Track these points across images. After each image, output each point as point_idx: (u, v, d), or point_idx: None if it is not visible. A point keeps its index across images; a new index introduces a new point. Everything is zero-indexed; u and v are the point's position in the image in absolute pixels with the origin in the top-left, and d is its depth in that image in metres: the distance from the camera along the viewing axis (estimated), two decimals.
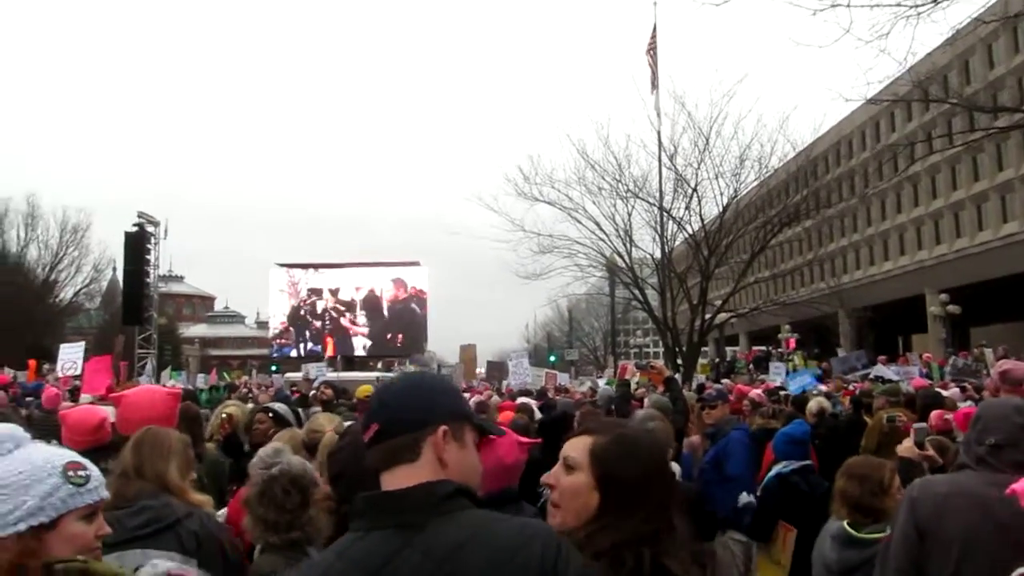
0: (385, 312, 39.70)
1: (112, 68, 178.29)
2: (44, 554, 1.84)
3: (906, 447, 4.23)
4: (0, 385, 15.69)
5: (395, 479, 1.71)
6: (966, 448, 3.20)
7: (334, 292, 39.76)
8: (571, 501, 2.13)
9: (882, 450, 6.62)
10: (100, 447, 4.55)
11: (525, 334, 77.28)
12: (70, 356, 18.02)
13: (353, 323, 39.95)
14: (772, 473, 6.03)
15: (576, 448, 2.15)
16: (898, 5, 10.56)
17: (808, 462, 6.10)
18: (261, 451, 3.52)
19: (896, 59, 11.74)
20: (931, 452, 4.19)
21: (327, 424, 4.86)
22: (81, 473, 1.94)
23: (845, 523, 3.88)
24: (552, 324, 70.98)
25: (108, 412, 5.02)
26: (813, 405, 9.68)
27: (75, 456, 2.00)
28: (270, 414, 6.31)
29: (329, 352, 37.13)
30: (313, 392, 11.81)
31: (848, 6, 10.61)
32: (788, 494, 5.74)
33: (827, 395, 12.37)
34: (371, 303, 39.89)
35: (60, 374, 17.64)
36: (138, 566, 2.35)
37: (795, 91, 38.87)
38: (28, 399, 12.28)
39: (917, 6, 10.50)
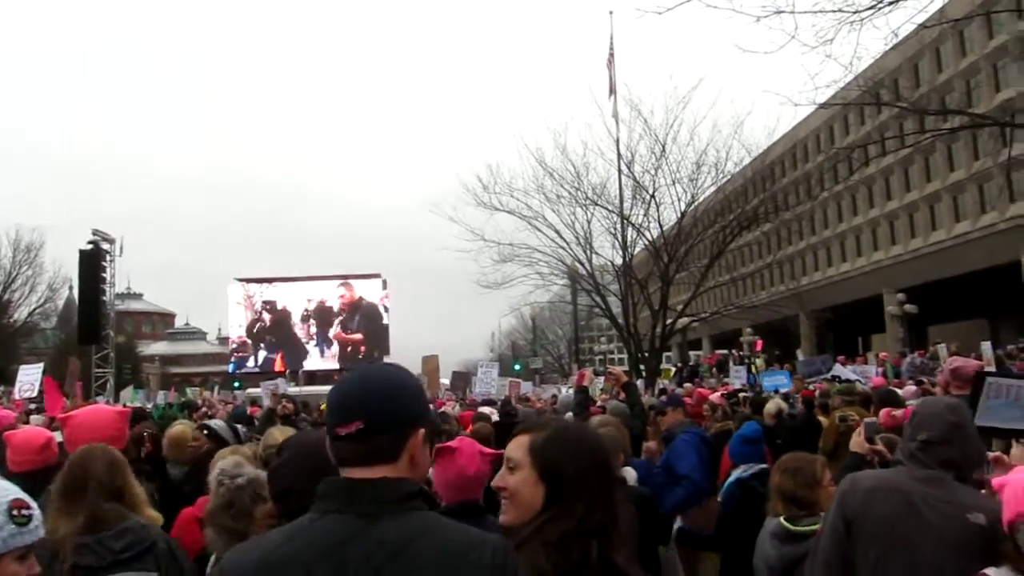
0: (336, 325, 39.55)
1: (65, 81, 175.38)
2: None
3: (856, 442, 4.31)
4: None
5: (365, 474, 1.73)
6: (902, 445, 3.28)
7: (305, 304, 39.56)
8: (519, 498, 2.17)
9: (840, 450, 6.71)
10: (46, 468, 4.47)
11: (490, 343, 77.19)
12: (28, 378, 17.70)
13: (308, 336, 39.76)
14: (732, 479, 6.01)
15: (516, 447, 2.22)
16: (840, 11, 10.75)
17: (766, 466, 6.08)
18: (221, 463, 3.48)
19: (842, 64, 11.95)
20: (880, 447, 4.27)
21: (281, 438, 4.79)
22: (25, 512, 1.92)
23: (781, 518, 3.93)
24: (516, 333, 71.02)
25: (54, 434, 4.94)
26: (771, 406, 9.77)
27: (19, 493, 1.96)
28: (205, 432, 6.23)
29: (278, 367, 36.92)
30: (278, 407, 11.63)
31: (792, 12, 10.77)
32: (749, 499, 5.74)
33: (785, 396, 12.53)
34: (324, 316, 39.71)
35: (17, 396, 17.30)
36: None
37: (749, 97, 39.38)
38: None
39: (859, 11, 10.70)
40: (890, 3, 10.55)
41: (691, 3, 11.01)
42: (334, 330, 40.12)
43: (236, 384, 40.64)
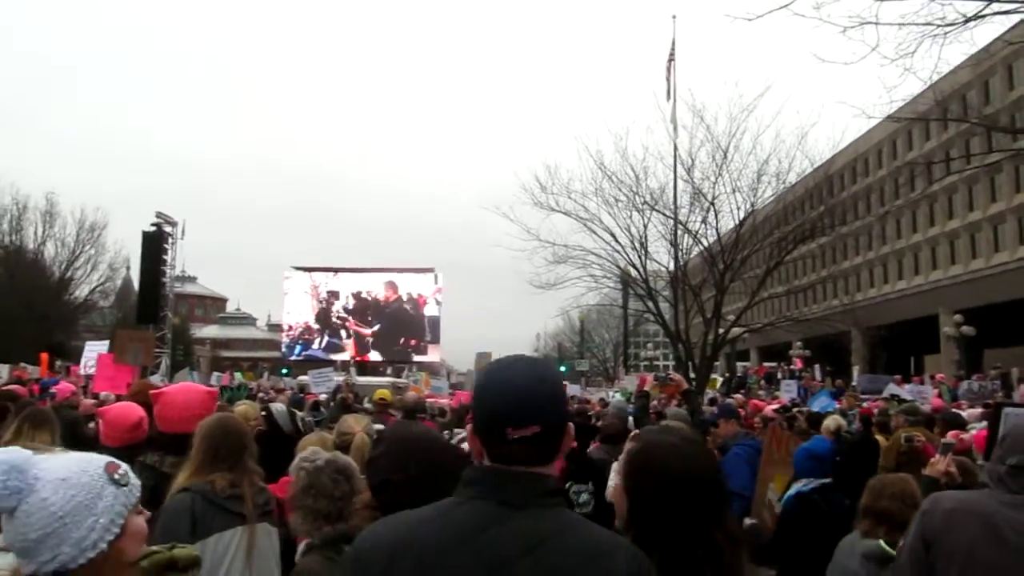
0: (385, 317, 40.01)
1: (130, 66, 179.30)
2: (126, 558, 1.92)
3: (936, 466, 4.25)
4: (18, 380, 15.88)
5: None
6: (989, 468, 3.23)
7: (356, 295, 40.08)
8: (616, 507, 2.20)
9: (900, 469, 6.62)
10: (136, 443, 4.62)
11: (536, 344, 77.16)
12: (93, 354, 18.13)
13: (360, 327, 40.26)
14: (792, 492, 5.96)
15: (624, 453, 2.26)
16: (927, 24, 10.56)
17: (828, 480, 6.02)
18: (300, 454, 3.58)
19: (921, 78, 11.73)
20: (952, 469, 4.22)
21: (356, 425, 4.88)
22: (121, 472, 1.97)
23: (881, 541, 3.86)
24: (563, 335, 70.90)
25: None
26: (830, 423, 9.65)
27: (106, 458, 2.01)
28: (263, 413, 6.39)
29: (351, 353, 37.36)
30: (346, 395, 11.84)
31: (876, 24, 10.63)
32: (808, 513, 5.69)
33: (842, 413, 12.37)
34: (376, 308, 40.14)
35: (83, 371, 17.76)
36: None
37: (813, 105, 38.64)
38: (45, 394, 12.39)
39: (946, 25, 10.50)
40: (977, 17, 10.33)
41: (777, 12, 10.90)
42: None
43: (284, 371, 41.26)
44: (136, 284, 46.13)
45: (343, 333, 40.84)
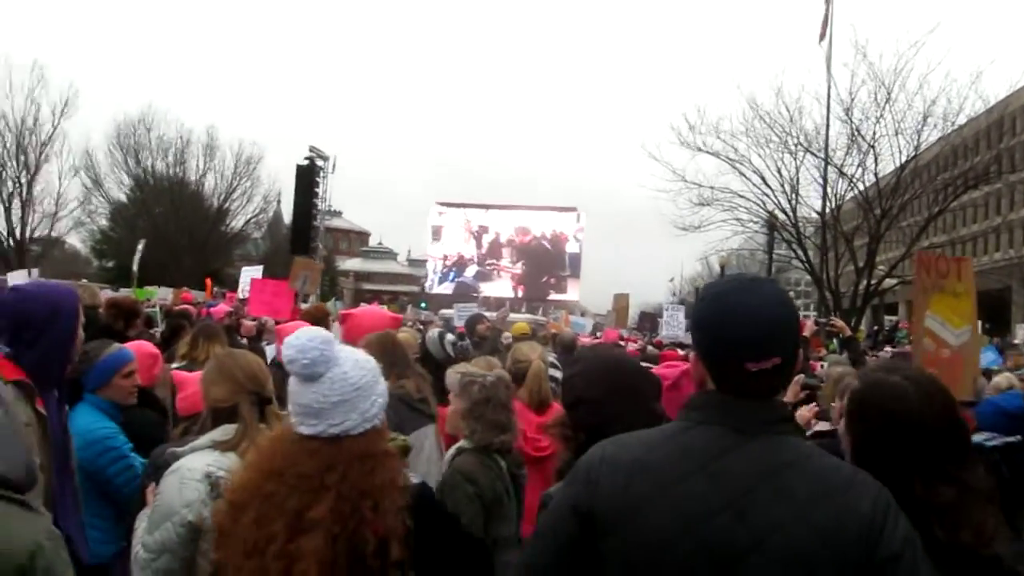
0: (526, 255, 40.33)
1: (289, 9, 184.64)
2: (384, 436, 2.24)
3: None
4: (185, 303, 16.91)
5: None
6: None
7: (495, 236, 40.74)
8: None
9: None
10: None
11: (671, 287, 76.16)
12: (249, 279, 19.01)
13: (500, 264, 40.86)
14: (974, 441, 5.58)
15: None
16: None
17: (1016, 439, 5.54)
18: (458, 372, 3.74)
19: None
20: None
21: (531, 353, 4.96)
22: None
23: None
24: (700, 279, 69.46)
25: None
26: (1002, 380, 9.05)
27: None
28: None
29: (512, 287, 38.04)
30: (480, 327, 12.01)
31: None
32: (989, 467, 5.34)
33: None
34: (516, 248, 40.50)
35: (241, 295, 18.68)
36: None
37: (991, 43, 35.48)
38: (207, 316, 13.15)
39: None
40: None
41: None
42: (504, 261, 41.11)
43: (423, 304, 42.35)
44: (287, 216, 48.22)
45: (491, 265, 41.63)
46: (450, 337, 7.00)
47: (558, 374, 4.90)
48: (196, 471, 2.66)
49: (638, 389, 2.60)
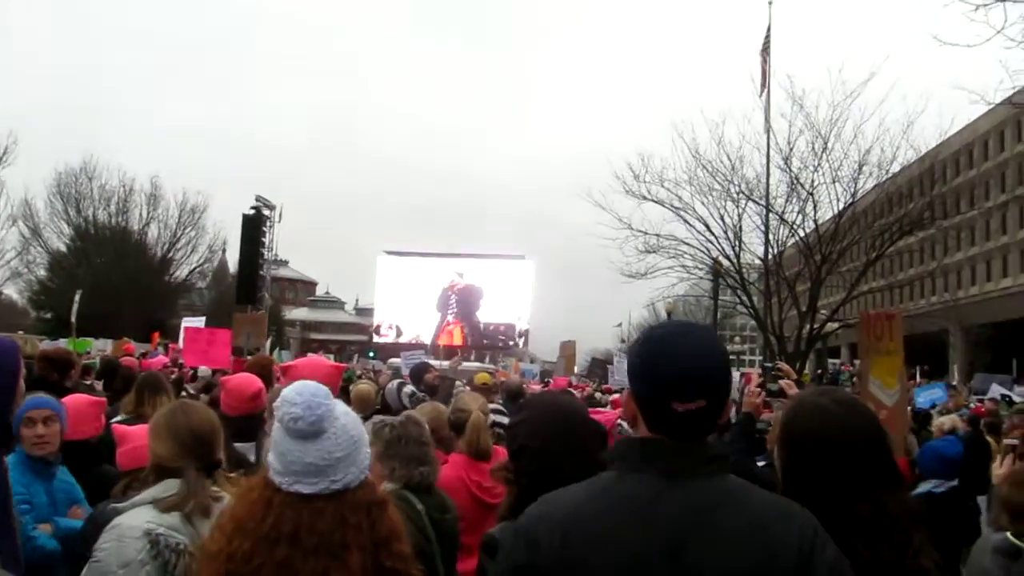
0: (469, 304, 40.38)
1: (232, 58, 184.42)
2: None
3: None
4: (128, 354, 16.57)
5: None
6: None
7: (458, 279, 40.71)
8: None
9: None
10: (254, 414, 4.76)
11: (619, 334, 76.75)
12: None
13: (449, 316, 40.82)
14: (922, 490, 5.65)
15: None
16: None
17: (956, 483, 5.64)
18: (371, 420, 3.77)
19: None
20: None
21: (472, 404, 4.98)
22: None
23: (1009, 534, 3.70)
24: (647, 325, 70.25)
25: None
26: (947, 422, 9.29)
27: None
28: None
29: (458, 341, 37.85)
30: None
31: (1004, 2, 10.21)
32: (936, 516, 5.38)
33: (946, 412, 11.93)
34: (467, 296, 40.52)
35: (182, 346, 18.40)
36: None
37: (923, 93, 36.60)
38: None
39: None
40: None
41: None
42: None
43: (371, 354, 42.03)
44: (233, 266, 47.71)
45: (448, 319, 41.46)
46: (407, 389, 6.98)
47: (504, 420, 4.91)
48: (135, 528, 2.53)
49: (581, 438, 2.61)
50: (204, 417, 2.93)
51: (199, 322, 19.89)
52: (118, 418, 5.13)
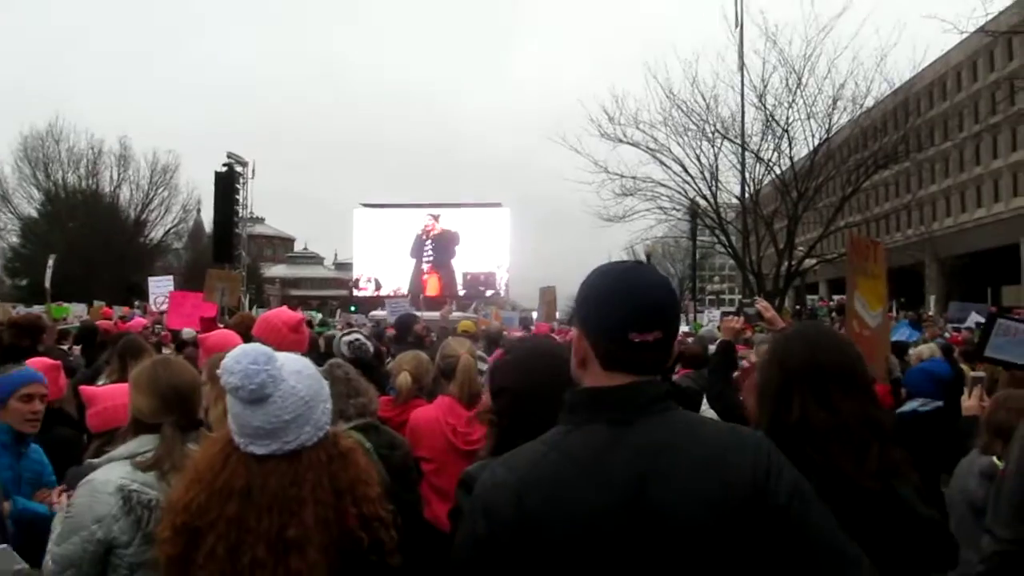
0: (446, 250, 40.03)
1: (199, 13, 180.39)
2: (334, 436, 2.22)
3: None
4: (106, 319, 16.42)
5: (625, 380, 1.69)
6: None
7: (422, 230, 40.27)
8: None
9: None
10: None
11: None
12: (160, 291, 18.52)
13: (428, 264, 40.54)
14: (907, 408, 5.69)
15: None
16: None
17: (940, 403, 5.68)
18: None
19: None
20: None
21: (459, 348, 4.96)
22: (322, 369, 2.30)
23: (995, 458, 3.75)
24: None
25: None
26: (924, 350, 9.34)
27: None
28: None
29: (434, 291, 37.65)
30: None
31: None
32: (921, 433, 5.43)
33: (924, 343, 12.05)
34: (443, 242, 40.21)
35: (154, 308, 18.23)
36: None
37: (895, 25, 36.16)
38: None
39: None
40: None
41: None
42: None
43: (352, 308, 41.95)
44: (208, 225, 47.24)
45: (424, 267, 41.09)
46: (348, 338, 6.97)
47: (484, 367, 4.92)
48: (109, 483, 2.54)
49: (562, 379, 2.62)
50: (186, 374, 2.91)
51: (166, 281, 19.67)
52: (101, 381, 5.09)
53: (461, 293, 39.15)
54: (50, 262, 21.40)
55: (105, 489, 2.53)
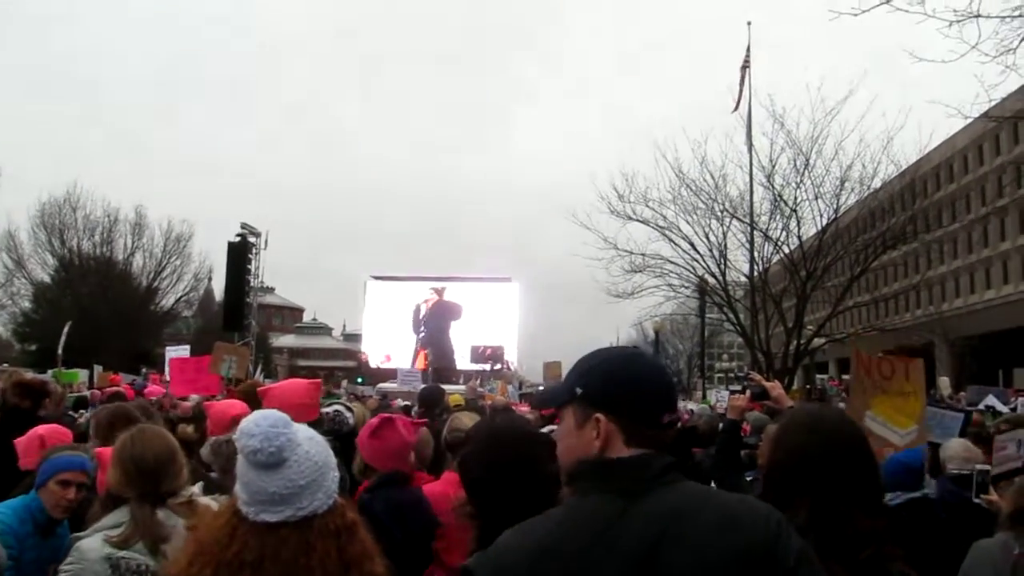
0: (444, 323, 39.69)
1: (213, 85, 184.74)
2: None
3: None
4: (113, 385, 16.44)
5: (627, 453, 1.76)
6: None
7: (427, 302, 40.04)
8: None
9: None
10: None
11: None
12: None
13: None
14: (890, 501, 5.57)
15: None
16: None
17: (919, 494, 5.56)
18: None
19: (1022, 76, 11.39)
20: None
21: (468, 423, 4.95)
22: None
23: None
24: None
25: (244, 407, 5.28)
26: (958, 447, 9.27)
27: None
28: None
29: (420, 365, 37.43)
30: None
31: (978, 18, 10.39)
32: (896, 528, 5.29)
33: None
34: (439, 314, 39.98)
35: (168, 377, 18.26)
36: None
37: (901, 108, 36.89)
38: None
39: None
40: None
41: (875, 9, 10.76)
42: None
43: (360, 380, 41.80)
44: (218, 294, 47.52)
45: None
46: (331, 408, 6.93)
47: None
48: (95, 551, 2.60)
49: (529, 456, 2.60)
50: (158, 448, 2.91)
51: (184, 351, 19.75)
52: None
53: (470, 367, 38.94)
54: (66, 328, 21.54)
55: (93, 556, 2.58)
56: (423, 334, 39.77)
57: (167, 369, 19.26)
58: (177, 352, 19.46)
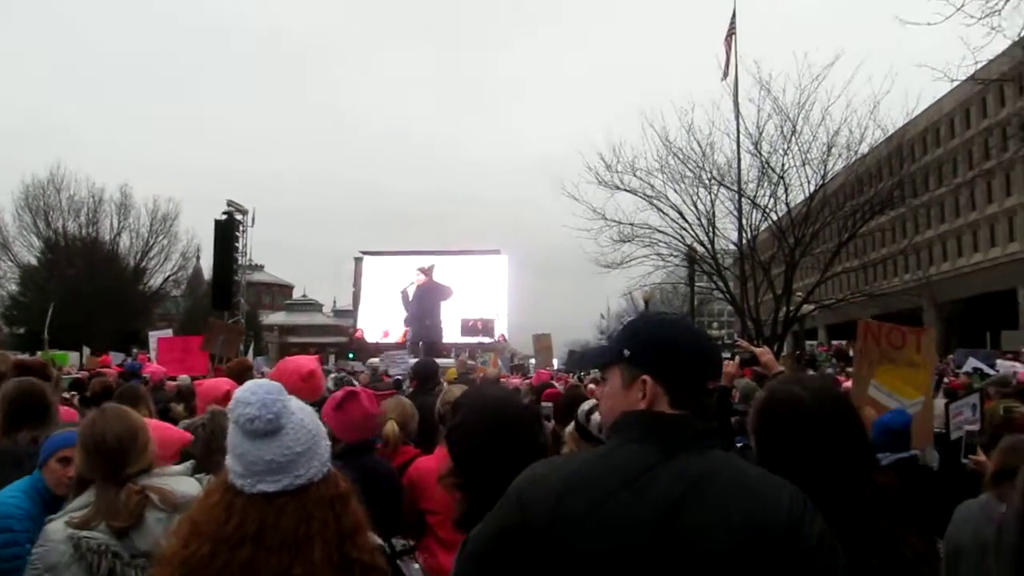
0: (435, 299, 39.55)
1: (199, 62, 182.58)
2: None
3: None
4: (104, 365, 16.40)
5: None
6: None
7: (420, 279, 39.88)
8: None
9: (995, 441, 6.35)
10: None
11: (599, 324, 76.96)
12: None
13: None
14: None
15: None
16: None
17: (907, 454, 5.60)
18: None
19: (1008, 36, 11.34)
20: None
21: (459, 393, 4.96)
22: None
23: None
24: (626, 315, 70.36)
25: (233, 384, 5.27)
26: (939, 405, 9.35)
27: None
28: None
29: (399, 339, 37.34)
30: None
31: None
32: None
33: None
34: (427, 296, 39.87)
35: (154, 361, 18.23)
36: None
37: (887, 73, 36.79)
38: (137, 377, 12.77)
39: None
40: None
41: None
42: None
43: (350, 355, 41.81)
44: (207, 272, 47.27)
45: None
46: (331, 376, 6.93)
47: None
48: (58, 533, 2.64)
49: (512, 425, 2.58)
50: (113, 428, 2.88)
51: (167, 334, 19.70)
52: None
53: (461, 340, 38.87)
54: (50, 311, 21.46)
55: (56, 537, 2.63)
56: (410, 314, 39.60)
57: (152, 350, 19.29)
58: (161, 335, 19.40)
